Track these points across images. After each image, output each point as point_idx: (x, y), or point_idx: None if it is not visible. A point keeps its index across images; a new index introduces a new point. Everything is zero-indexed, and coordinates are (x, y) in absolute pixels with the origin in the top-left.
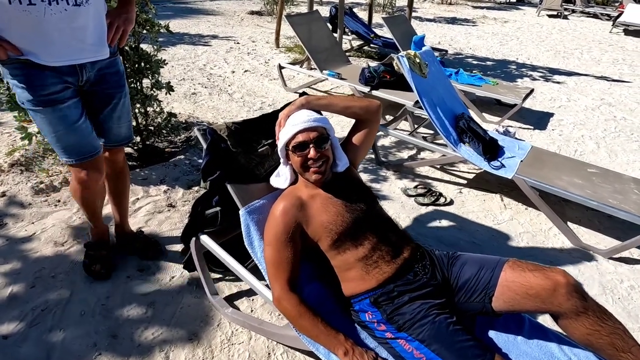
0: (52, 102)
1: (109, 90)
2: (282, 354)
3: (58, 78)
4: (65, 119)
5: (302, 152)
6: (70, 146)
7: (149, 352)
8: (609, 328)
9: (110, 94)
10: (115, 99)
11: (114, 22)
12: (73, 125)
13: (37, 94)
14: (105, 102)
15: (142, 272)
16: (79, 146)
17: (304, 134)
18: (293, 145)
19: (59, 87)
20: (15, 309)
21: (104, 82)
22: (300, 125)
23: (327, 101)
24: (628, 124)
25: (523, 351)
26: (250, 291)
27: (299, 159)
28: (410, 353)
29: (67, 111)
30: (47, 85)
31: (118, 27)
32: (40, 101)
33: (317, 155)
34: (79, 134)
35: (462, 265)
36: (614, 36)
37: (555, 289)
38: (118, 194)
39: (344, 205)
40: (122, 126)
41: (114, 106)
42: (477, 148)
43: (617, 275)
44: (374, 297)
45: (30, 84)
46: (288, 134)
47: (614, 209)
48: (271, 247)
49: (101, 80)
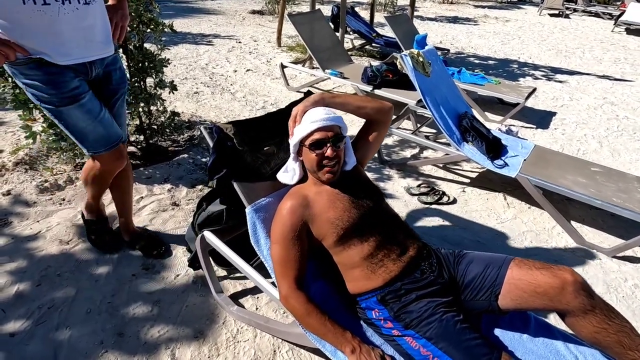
0: (74, 98)
1: (113, 86)
2: (287, 352)
3: (74, 74)
4: (90, 112)
5: (319, 149)
6: (100, 137)
7: (155, 350)
8: (616, 326)
9: (113, 90)
10: (118, 94)
11: (113, 19)
12: (98, 116)
13: (61, 92)
14: (106, 99)
15: (147, 270)
16: (107, 136)
17: (322, 132)
18: (310, 143)
19: (77, 82)
20: (21, 307)
21: (109, 79)
22: (319, 122)
23: (341, 100)
24: (630, 123)
25: (529, 349)
26: (255, 289)
27: (315, 156)
28: (417, 350)
29: (90, 104)
30: (67, 81)
31: (117, 24)
32: (63, 99)
33: (333, 154)
34: (105, 124)
35: (468, 264)
36: (615, 35)
37: (563, 287)
38: (122, 192)
39: (350, 202)
40: (120, 125)
41: (114, 103)
42: (481, 147)
43: (621, 274)
44: (381, 295)
45: (52, 82)
46: (305, 131)
47: (618, 207)
48: (278, 245)
49: (107, 77)
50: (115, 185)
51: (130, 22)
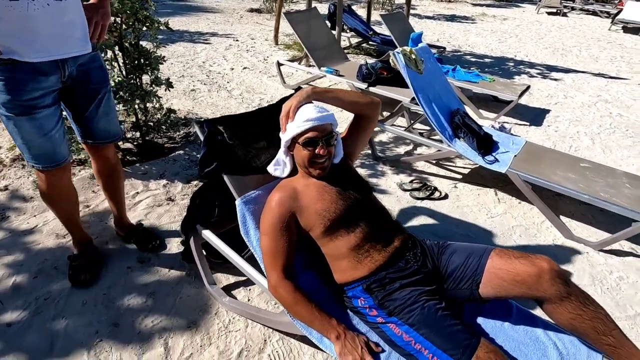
0: (28, 109)
1: (93, 85)
2: (277, 341)
3: (39, 83)
4: (39, 128)
5: (312, 147)
6: (43, 154)
7: (149, 339)
8: (591, 312)
9: (95, 90)
10: (101, 94)
11: (93, 18)
12: (47, 134)
13: (15, 100)
14: (90, 98)
15: (142, 263)
16: (52, 154)
17: (315, 132)
18: (304, 141)
19: (39, 93)
20: (18, 298)
21: (88, 78)
22: (313, 122)
23: (333, 95)
24: (624, 120)
25: (510, 336)
26: (247, 281)
27: (307, 154)
28: (400, 337)
29: (43, 120)
30: (27, 90)
31: (97, 23)
32: (16, 106)
33: (325, 152)
34: (51, 143)
35: (451, 254)
36: (612, 33)
37: (540, 275)
38: (112, 190)
39: (338, 194)
40: (110, 122)
41: (99, 102)
42: (472, 143)
43: (607, 267)
44: (366, 284)
45: (10, 88)
46: (299, 129)
47: (605, 202)
48: (267, 237)
49: (85, 75)
50: (105, 184)
51: (125, 20)
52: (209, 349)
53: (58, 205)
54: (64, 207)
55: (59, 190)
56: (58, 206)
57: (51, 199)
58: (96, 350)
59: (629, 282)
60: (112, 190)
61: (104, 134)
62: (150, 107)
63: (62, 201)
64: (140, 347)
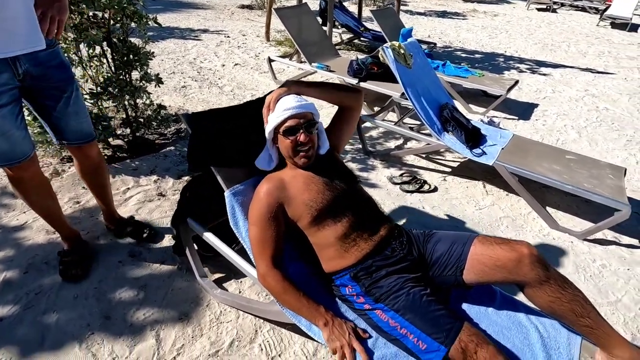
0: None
1: (56, 83)
2: (268, 331)
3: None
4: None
5: (293, 136)
6: (1, 153)
7: (140, 331)
8: (569, 295)
9: (58, 88)
10: (67, 92)
11: (47, 12)
12: (4, 134)
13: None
14: (56, 98)
15: (133, 257)
16: (8, 153)
17: (295, 119)
18: (284, 130)
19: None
20: (9, 293)
21: (48, 77)
22: (292, 110)
23: (313, 87)
24: (610, 113)
25: (493, 321)
26: (238, 273)
27: (289, 142)
28: (386, 322)
29: (0, 120)
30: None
31: (53, 17)
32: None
33: (307, 139)
34: (12, 141)
35: (436, 242)
36: (601, 29)
37: (520, 259)
38: (98, 188)
39: (324, 184)
40: (82, 122)
41: (67, 100)
42: (460, 136)
43: (591, 255)
44: (353, 272)
45: None
46: (278, 119)
47: (588, 192)
48: (256, 227)
49: (45, 75)
50: (90, 182)
51: (113, 15)
52: (200, 340)
53: (32, 199)
54: (38, 200)
55: (28, 183)
56: (32, 200)
57: (22, 192)
58: (88, 342)
59: (610, 270)
60: (99, 189)
61: (77, 135)
62: (141, 104)
63: (34, 194)
64: (132, 339)
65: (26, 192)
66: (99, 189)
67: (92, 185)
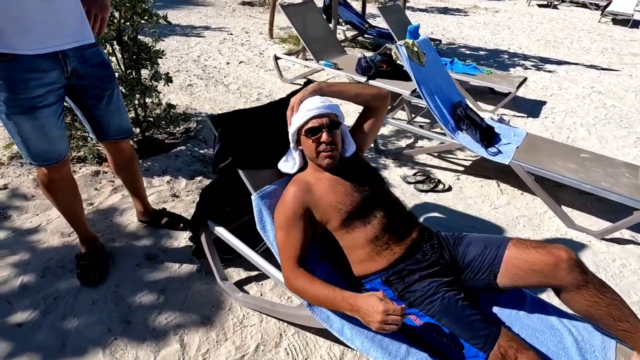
0: (30, 108)
1: (98, 82)
2: (293, 335)
3: (40, 80)
4: (40, 128)
5: (315, 136)
6: (40, 152)
7: (164, 336)
8: (607, 299)
9: (102, 86)
10: (109, 90)
11: (92, 10)
12: (46, 134)
13: (18, 97)
14: (99, 97)
15: (150, 260)
16: (49, 152)
17: (318, 119)
18: (306, 130)
19: (41, 91)
20: (26, 298)
21: (92, 75)
22: (315, 110)
23: (338, 88)
24: (617, 111)
25: (526, 324)
26: (259, 276)
27: (312, 143)
28: (421, 327)
29: (45, 120)
30: (29, 88)
31: (96, 15)
32: (18, 105)
33: (329, 139)
34: (49, 142)
35: (467, 245)
36: (602, 25)
37: (558, 264)
38: (132, 180)
39: (352, 186)
40: (122, 118)
41: (109, 98)
42: (475, 135)
43: (610, 255)
44: (385, 277)
45: (12, 85)
46: (301, 119)
47: (606, 191)
48: (282, 231)
49: (89, 73)
50: (125, 176)
51: (124, 13)
52: (225, 345)
53: (59, 200)
54: (65, 201)
55: (58, 184)
56: (59, 200)
57: (51, 193)
58: (111, 348)
59: (631, 269)
60: (134, 182)
61: (118, 131)
62: (150, 103)
63: (62, 195)
64: (156, 344)
65: (55, 193)
66: (133, 182)
67: (127, 178)
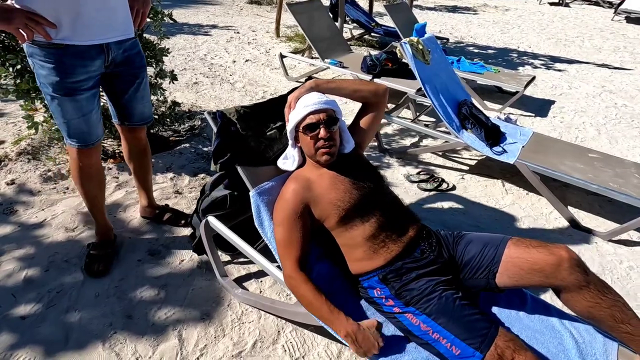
0: (73, 91)
1: (133, 70)
2: (291, 332)
3: (86, 67)
4: (80, 109)
5: (313, 132)
6: (79, 133)
7: (163, 331)
8: (609, 301)
9: (134, 74)
10: (139, 78)
11: (134, 6)
12: (85, 115)
13: (64, 81)
14: (129, 83)
15: (153, 256)
16: (86, 134)
17: (315, 116)
18: (304, 126)
19: (84, 77)
20: (31, 291)
21: (129, 63)
22: (312, 107)
23: (336, 85)
24: (629, 110)
25: (526, 325)
26: (258, 273)
27: (310, 140)
28: (417, 326)
29: (84, 102)
30: (75, 73)
31: (138, 10)
32: (63, 87)
33: (327, 135)
34: (88, 124)
35: (467, 244)
36: (615, 24)
37: (559, 264)
38: (143, 171)
39: (351, 183)
40: (145, 105)
41: (138, 86)
42: (480, 134)
43: (617, 257)
44: (382, 275)
45: (60, 71)
46: (299, 116)
47: (614, 192)
48: (281, 228)
49: (126, 61)
50: (137, 165)
51: None
52: (223, 340)
53: (86, 185)
54: (91, 188)
55: (89, 169)
56: (86, 186)
57: (81, 177)
58: (111, 342)
59: (638, 272)
60: (144, 172)
61: (140, 117)
62: (155, 100)
63: (91, 180)
64: (155, 339)
65: (83, 179)
66: (143, 173)
67: (138, 168)
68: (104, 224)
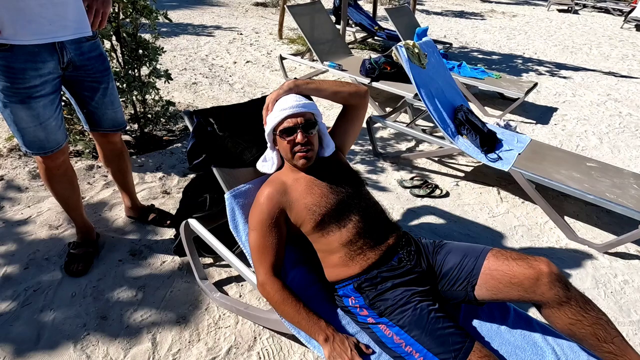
0: (27, 97)
1: (95, 74)
2: (267, 339)
3: (37, 70)
4: (36, 117)
5: (290, 136)
6: (36, 141)
7: (137, 333)
8: (591, 318)
9: (97, 79)
10: (104, 83)
11: (93, 5)
12: (42, 123)
13: (14, 87)
14: (93, 90)
15: (134, 256)
16: (45, 141)
17: (292, 119)
18: (281, 130)
19: (38, 81)
20: (8, 289)
21: (89, 67)
22: (289, 110)
23: (315, 85)
24: (634, 120)
25: (506, 340)
26: (239, 277)
27: (287, 144)
28: (390, 338)
29: (41, 109)
30: (27, 78)
31: (97, 10)
32: (16, 94)
33: (304, 139)
34: (46, 131)
35: (446, 254)
36: (625, 32)
37: (538, 278)
38: (121, 174)
39: (328, 187)
40: (116, 111)
41: (104, 91)
42: (475, 140)
43: (612, 270)
44: (357, 283)
45: (10, 74)
46: (276, 119)
47: (611, 203)
48: (256, 232)
49: (86, 65)
50: (115, 170)
51: (122, 9)
52: (197, 345)
53: (55, 188)
54: (60, 189)
55: (56, 171)
56: (55, 189)
57: (49, 179)
58: (83, 343)
59: (633, 286)
60: (122, 176)
61: (112, 123)
62: (150, 99)
63: (58, 183)
64: (128, 342)
65: (51, 181)
66: (122, 176)
67: (117, 172)
68: (83, 224)
